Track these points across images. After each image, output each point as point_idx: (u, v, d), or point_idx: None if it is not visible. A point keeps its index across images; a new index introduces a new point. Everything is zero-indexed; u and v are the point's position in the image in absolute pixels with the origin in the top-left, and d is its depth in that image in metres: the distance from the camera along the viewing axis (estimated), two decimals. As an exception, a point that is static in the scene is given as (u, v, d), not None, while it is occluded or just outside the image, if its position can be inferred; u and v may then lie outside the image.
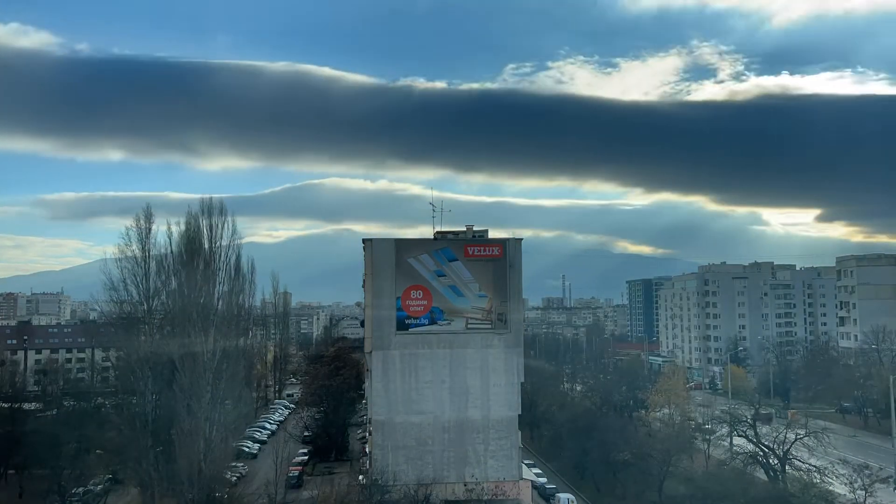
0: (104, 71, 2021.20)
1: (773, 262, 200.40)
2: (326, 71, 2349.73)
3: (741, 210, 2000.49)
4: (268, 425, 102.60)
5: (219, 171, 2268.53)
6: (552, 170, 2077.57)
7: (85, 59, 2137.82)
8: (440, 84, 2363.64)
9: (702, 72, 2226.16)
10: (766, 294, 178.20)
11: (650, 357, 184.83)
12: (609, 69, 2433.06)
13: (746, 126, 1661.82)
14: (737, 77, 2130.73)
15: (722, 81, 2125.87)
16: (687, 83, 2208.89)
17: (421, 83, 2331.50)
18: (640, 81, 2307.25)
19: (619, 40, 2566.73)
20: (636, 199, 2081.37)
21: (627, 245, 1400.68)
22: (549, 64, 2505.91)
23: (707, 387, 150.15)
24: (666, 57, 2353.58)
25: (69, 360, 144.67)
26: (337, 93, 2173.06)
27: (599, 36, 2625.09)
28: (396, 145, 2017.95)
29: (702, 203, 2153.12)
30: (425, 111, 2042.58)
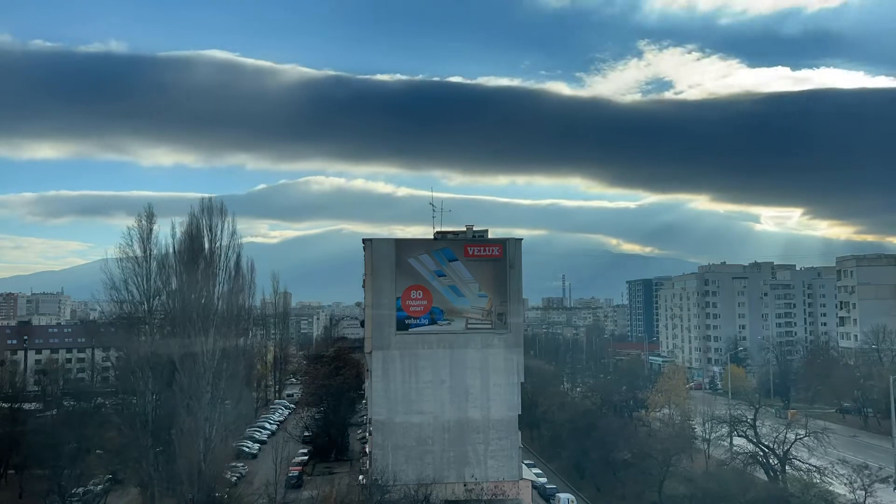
0: (28, 63, 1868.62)
1: (773, 262, 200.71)
2: (263, 64, 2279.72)
3: (728, 208, 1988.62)
4: (268, 425, 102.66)
5: (170, 167, 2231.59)
6: (508, 167, 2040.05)
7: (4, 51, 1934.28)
8: (383, 77, 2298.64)
9: (661, 83, 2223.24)
10: (766, 294, 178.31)
11: (650, 357, 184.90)
12: (573, 84, 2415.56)
13: (716, 124, 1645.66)
14: (695, 85, 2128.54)
15: (681, 92, 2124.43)
16: (649, 94, 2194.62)
17: (362, 77, 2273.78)
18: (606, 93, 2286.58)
19: (578, 54, 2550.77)
20: (618, 197, 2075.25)
21: (620, 243, 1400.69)
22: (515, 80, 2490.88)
23: (707, 387, 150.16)
24: (625, 69, 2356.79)
25: (69, 360, 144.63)
26: (277, 86, 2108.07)
27: (558, 50, 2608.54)
28: (339, 141, 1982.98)
29: (689, 202, 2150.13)
30: (369, 105, 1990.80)
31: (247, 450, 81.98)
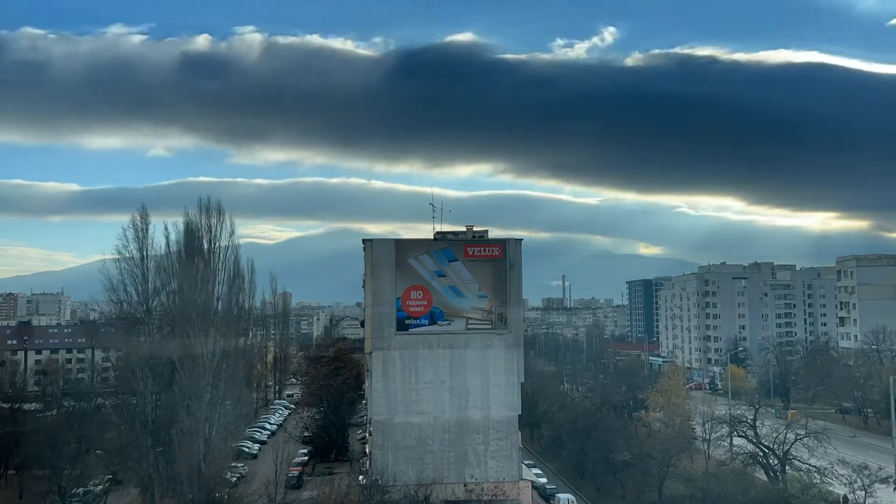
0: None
1: (773, 263, 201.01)
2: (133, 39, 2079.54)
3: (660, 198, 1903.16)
4: (268, 426, 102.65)
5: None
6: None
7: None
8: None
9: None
10: (766, 294, 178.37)
11: (650, 357, 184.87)
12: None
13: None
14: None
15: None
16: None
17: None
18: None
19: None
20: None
21: (621, 243, 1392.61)
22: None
23: (707, 387, 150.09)
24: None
25: (69, 361, 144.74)
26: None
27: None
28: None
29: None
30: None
31: (247, 450, 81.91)
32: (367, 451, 64.79)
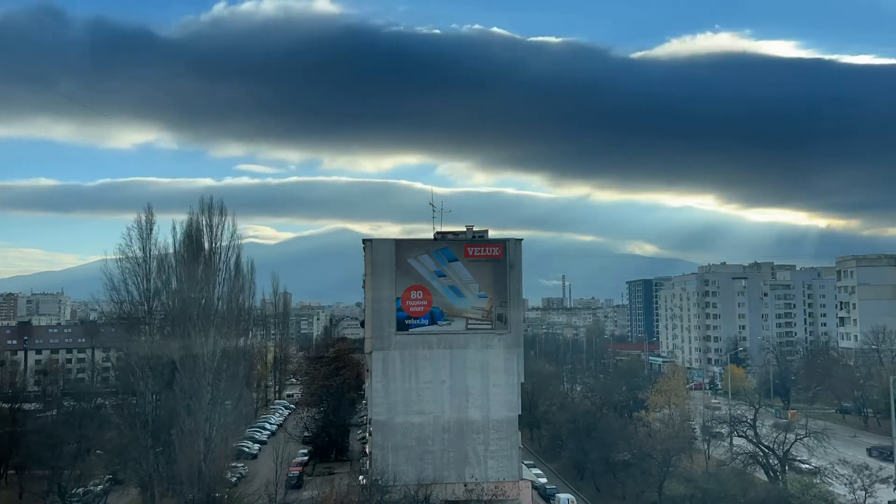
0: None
1: (773, 263, 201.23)
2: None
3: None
4: (268, 426, 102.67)
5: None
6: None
7: None
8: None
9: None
10: (766, 294, 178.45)
11: (650, 357, 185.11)
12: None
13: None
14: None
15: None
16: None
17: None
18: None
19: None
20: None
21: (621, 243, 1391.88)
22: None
23: (707, 387, 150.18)
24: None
25: (69, 361, 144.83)
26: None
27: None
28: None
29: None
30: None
31: (247, 450, 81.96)
32: (367, 450, 64.79)
